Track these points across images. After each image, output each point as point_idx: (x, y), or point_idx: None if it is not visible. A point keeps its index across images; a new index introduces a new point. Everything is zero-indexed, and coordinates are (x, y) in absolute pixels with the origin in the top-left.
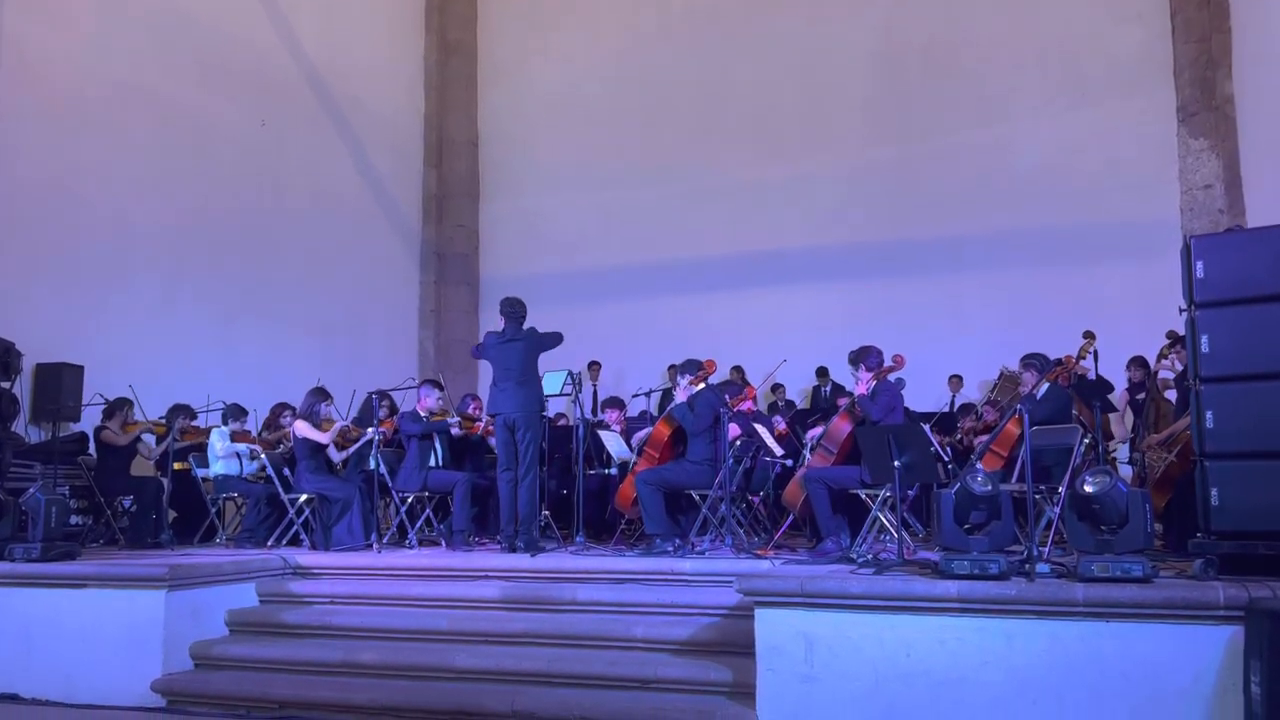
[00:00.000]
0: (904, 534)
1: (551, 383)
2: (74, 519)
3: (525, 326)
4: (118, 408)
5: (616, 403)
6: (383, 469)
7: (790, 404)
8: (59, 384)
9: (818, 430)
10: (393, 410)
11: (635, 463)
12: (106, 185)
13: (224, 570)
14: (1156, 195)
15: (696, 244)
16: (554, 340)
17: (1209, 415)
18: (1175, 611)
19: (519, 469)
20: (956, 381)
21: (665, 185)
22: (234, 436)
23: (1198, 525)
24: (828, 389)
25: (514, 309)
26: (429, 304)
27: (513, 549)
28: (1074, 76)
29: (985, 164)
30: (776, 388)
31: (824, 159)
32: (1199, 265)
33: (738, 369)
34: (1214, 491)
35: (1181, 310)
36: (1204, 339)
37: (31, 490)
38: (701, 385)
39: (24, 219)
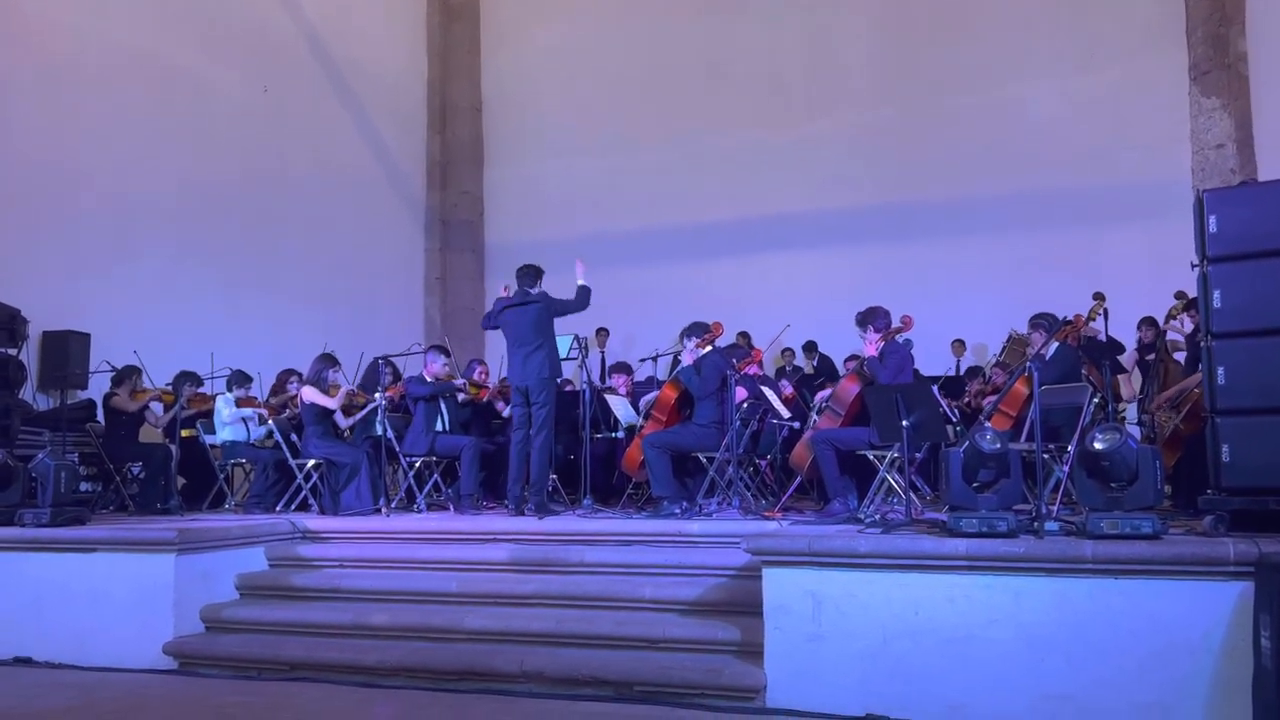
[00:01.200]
0: (911, 495)
1: (558, 348)
2: (84, 485)
3: (538, 291)
4: (126, 375)
5: (624, 368)
6: (389, 434)
7: (798, 369)
8: (66, 351)
9: (827, 392)
10: (396, 376)
11: (642, 426)
12: (108, 151)
13: (233, 534)
14: (1168, 156)
15: (702, 208)
16: (571, 308)
17: (1220, 371)
18: (1185, 567)
19: (532, 430)
20: (959, 346)
21: (670, 149)
22: (239, 403)
23: (1207, 485)
24: (815, 362)
25: (525, 273)
26: (434, 271)
27: (520, 510)
28: (1084, 35)
29: (993, 125)
30: (786, 352)
31: (829, 121)
32: (1212, 219)
33: (743, 334)
34: (1225, 448)
35: (1194, 265)
36: (1216, 294)
37: (40, 456)
38: (708, 348)
39: (26, 186)
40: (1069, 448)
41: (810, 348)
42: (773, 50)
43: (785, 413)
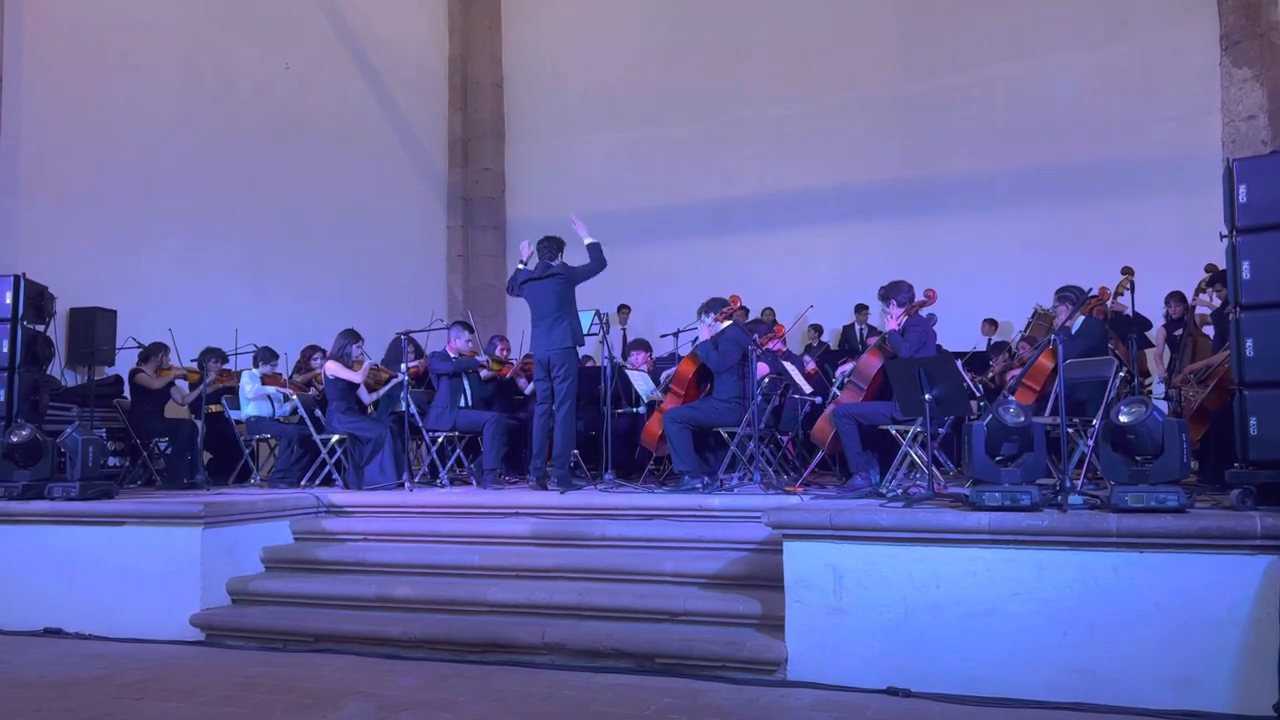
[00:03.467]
0: (934, 469)
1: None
2: (112, 460)
3: (558, 263)
4: (153, 352)
5: (642, 345)
6: (413, 409)
7: (823, 345)
8: (93, 328)
9: (849, 365)
10: (419, 353)
11: (661, 401)
12: (133, 129)
13: (258, 508)
14: (1198, 127)
15: (725, 183)
16: (589, 271)
17: (1249, 343)
18: (1211, 541)
19: (554, 404)
20: (990, 325)
21: (692, 124)
22: (265, 379)
23: (1233, 459)
24: (864, 327)
25: (546, 246)
26: (456, 248)
27: (542, 484)
28: (1112, 4)
29: (1021, 97)
30: (815, 327)
31: (854, 94)
32: (1242, 189)
33: (768, 310)
34: (1253, 421)
35: (1223, 236)
36: (1245, 265)
37: (68, 431)
38: (726, 323)
39: (53, 163)
40: (1094, 421)
41: (861, 309)
42: (796, 22)
43: (807, 388)
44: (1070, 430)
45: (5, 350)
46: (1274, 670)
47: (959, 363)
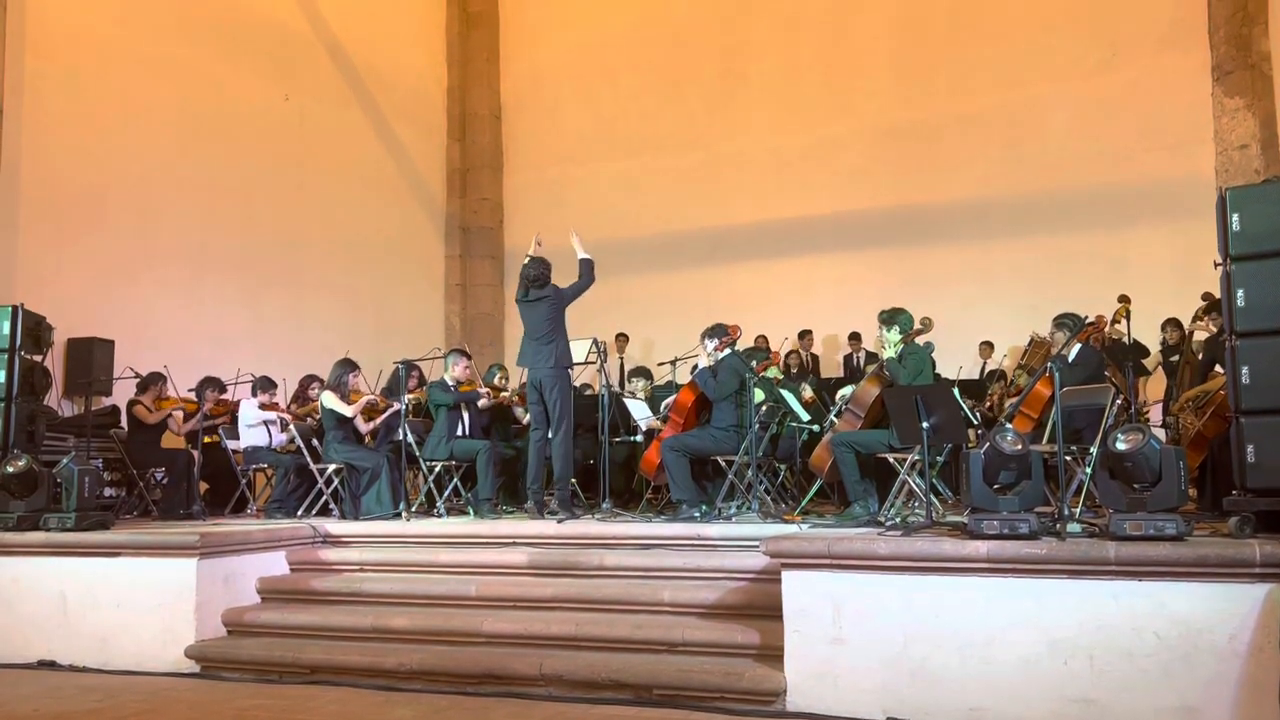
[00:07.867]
0: (932, 498)
1: (576, 351)
2: (108, 491)
3: (547, 286)
4: (152, 382)
5: (643, 373)
6: (410, 439)
7: (803, 371)
8: (90, 358)
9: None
10: (421, 380)
11: (660, 430)
12: (132, 160)
13: (254, 538)
14: (1191, 156)
15: (722, 212)
16: (577, 289)
17: (1245, 371)
18: (1210, 569)
19: (549, 427)
20: (987, 349)
21: (689, 153)
22: (263, 407)
23: (1231, 486)
24: (860, 356)
25: (534, 269)
26: (454, 278)
27: (541, 510)
28: (1105, 34)
29: (1015, 126)
30: (791, 355)
31: (849, 123)
32: (1235, 217)
33: (762, 338)
34: (1250, 448)
35: (1217, 264)
36: (1240, 293)
37: (65, 461)
38: (726, 351)
39: (52, 195)
40: (1091, 449)
41: (855, 338)
42: (792, 53)
43: (805, 415)
44: (1068, 458)
45: (2, 380)
46: (1275, 699)
47: (956, 390)
